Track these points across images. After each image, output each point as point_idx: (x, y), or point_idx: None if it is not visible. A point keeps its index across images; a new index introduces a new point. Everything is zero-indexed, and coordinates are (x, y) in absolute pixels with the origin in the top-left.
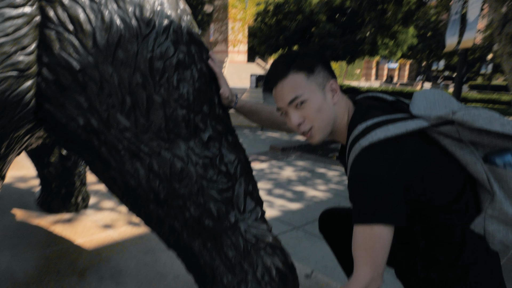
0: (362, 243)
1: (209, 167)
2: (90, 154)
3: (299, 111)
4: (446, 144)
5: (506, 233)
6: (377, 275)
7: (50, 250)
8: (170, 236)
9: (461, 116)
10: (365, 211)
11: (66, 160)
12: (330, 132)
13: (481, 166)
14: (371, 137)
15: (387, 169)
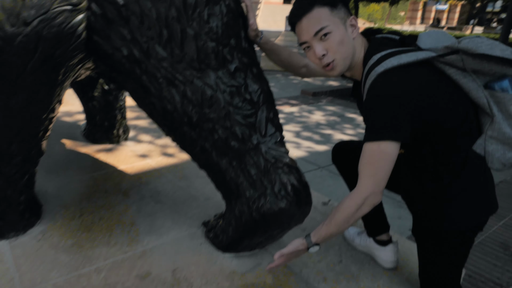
0: (368, 158)
1: (235, 95)
2: (133, 83)
3: (323, 43)
4: (451, 73)
5: (503, 152)
6: (377, 190)
7: (97, 173)
8: (201, 156)
9: (466, 43)
10: (375, 129)
11: (108, 95)
12: (349, 66)
13: (482, 92)
14: (385, 64)
15: (399, 92)
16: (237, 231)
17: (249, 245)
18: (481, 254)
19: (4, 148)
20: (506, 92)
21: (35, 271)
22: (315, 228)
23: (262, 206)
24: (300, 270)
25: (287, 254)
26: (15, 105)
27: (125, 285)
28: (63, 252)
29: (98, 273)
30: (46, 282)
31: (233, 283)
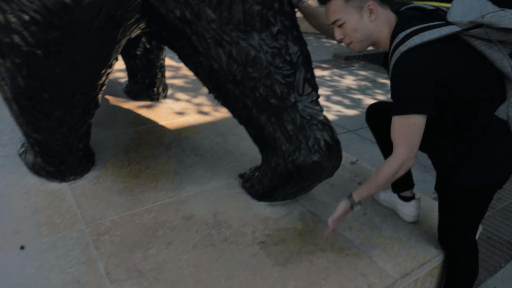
0: (400, 130)
1: (276, 56)
2: (182, 42)
3: (340, 29)
4: (476, 45)
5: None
6: (412, 156)
7: (140, 128)
8: (242, 112)
9: (488, 18)
10: (403, 104)
11: (150, 54)
12: (372, 43)
13: (507, 61)
14: (409, 43)
15: (422, 68)
16: (272, 181)
17: (282, 194)
18: (502, 219)
19: (69, 99)
20: None
21: (94, 209)
22: (356, 191)
23: (297, 159)
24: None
25: (337, 217)
26: (80, 60)
27: (172, 223)
28: (116, 195)
29: (148, 213)
30: (104, 219)
31: (267, 227)
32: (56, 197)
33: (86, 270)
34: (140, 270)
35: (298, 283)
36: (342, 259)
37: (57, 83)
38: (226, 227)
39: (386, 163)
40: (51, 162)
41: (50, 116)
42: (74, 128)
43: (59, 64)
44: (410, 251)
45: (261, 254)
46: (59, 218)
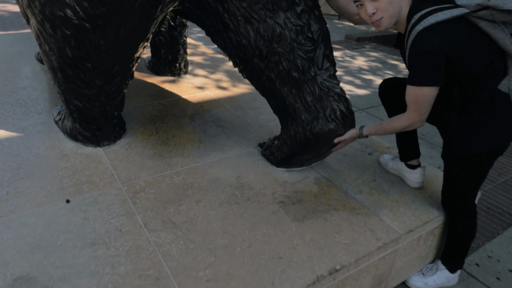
0: (413, 97)
1: (299, 33)
2: (214, 19)
3: (374, 3)
4: (482, 26)
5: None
6: (421, 119)
7: (164, 100)
8: (266, 84)
9: (494, 1)
10: (418, 77)
11: (173, 30)
12: (394, 23)
13: (509, 40)
14: (424, 23)
15: (436, 46)
16: (291, 148)
17: (299, 161)
18: (502, 191)
19: (109, 69)
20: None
21: (128, 171)
22: (367, 126)
23: (315, 127)
24: (341, 184)
25: (343, 139)
26: (123, 34)
27: (200, 185)
28: (147, 159)
29: (178, 175)
30: (138, 179)
31: (285, 189)
32: (93, 159)
33: (126, 221)
34: (173, 222)
35: (314, 236)
36: (353, 217)
37: (101, 54)
38: (249, 189)
39: (398, 118)
40: (88, 128)
41: (92, 85)
42: (112, 96)
43: (104, 36)
44: (415, 212)
45: (281, 212)
46: (97, 178)
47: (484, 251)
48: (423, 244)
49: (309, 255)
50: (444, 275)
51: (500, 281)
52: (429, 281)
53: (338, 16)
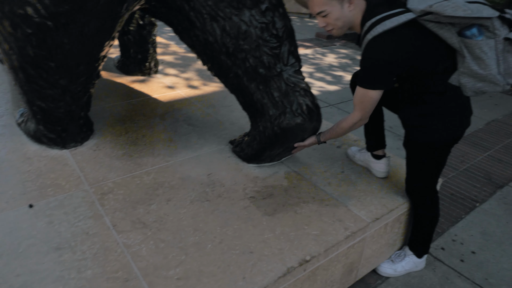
0: (360, 98)
1: (264, 30)
2: (180, 17)
3: (323, 19)
4: (430, 27)
5: (473, 84)
6: (365, 118)
7: (134, 100)
8: (234, 81)
9: (435, 7)
10: (366, 80)
11: (142, 29)
12: (349, 28)
13: (456, 38)
14: (373, 32)
15: (385, 55)
16: (261, 143)
17: (269, 156)
18: (465, 178)
19: (74, 69)
20: (474, 39)
21: (96, 172)
22: (323, 132)
23: (282, 122)
24: (310, 177)
25: (303, 145)
26: (87, 32)
27: (170, 183)
28: (116, 160)
29: (148, 175)
30: (107, 180)
31: (256, 184)
32: (58, 162)
33: (93, 224)
34: (143, 222)
35: (284, 229)
36: (323, 208)
37: (64, 53)
38: (220, 185)
39: (345, 119)
40: (53, 129)
41: (56, 84)
42: (77, 96)
43: (68, 35)
44: (381, 201)
45: (252, 207)
46: (63, 180)
47: (448, 235)
48: (390, 232)
49: (280, 248)
50: (411, 260)
51: (464, 263)
52: (397, 267)
53: (309, 14)
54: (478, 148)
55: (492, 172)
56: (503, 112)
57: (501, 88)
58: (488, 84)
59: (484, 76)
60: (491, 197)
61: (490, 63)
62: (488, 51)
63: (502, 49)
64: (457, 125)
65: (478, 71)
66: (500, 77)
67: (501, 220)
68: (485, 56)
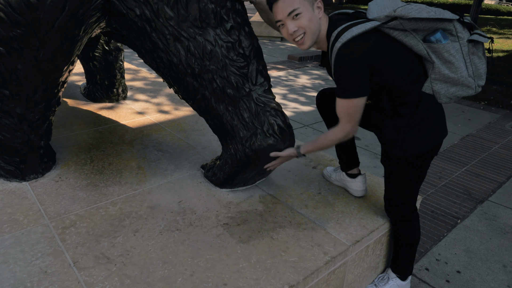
0: (345, 110)
1: (230, 49)
2: (143, 39)
3: (295, 21)
4: (395, 35)
5: (447, 89)
6: (354, 128)
7: (101, 127)
8: (202, 103)
9: (399, 11)
10: (346, 90)
11: (108, 55)
12: (316, 41)
13: (422, 45)
14: (342, 39)
15: (356, 59)
16: (233, 167)
17: (242, 180)
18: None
19: (30, 96)
20: (440, 43)
21: (58, 205)
22: (304, 144)
23: (254, 143)
24: (286, 200)
25: (282, 156)
26: (43, 57)
27: (138, 213)
28: (80, 190)
29: (114, 205)
30: (69, 213)
31: (230, 210)
32: (17, 195)
33: (52, 261)
34: (108, 257)
35: (261, 257)
36: (300, 233)
37: (19, 79)
38: (191, 213)
39: (333, 131)
40: (11, 161)
41: (11, 113)
42: (35, 125)
43: (22, 60)
44: (360, 222)
45: (225, 234)
46: (21, 215)
47: (432, 255)
48: (372, 254)
49: (255, 278)
50: (396, 283)
51: (450, 283)
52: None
53: (281, 38)
54: (455, 164)
55: (470, 187)
56: (477, 127)
57: (473, 91)
58: (461, 88)
59: (456, 79)
60: (472, 212)
61: (459, 65)
62: (455, 53)
63: (467, 52)
64: (436, 133)
65: (450, 75)
66: (471, 79)
67: (484, 236)
68: (454, 59)
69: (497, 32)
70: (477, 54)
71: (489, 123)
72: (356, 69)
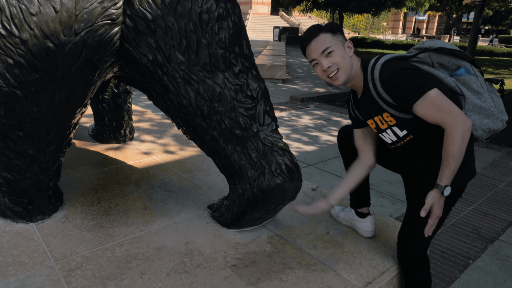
0: (433, 108)
1: (239, 91)
2: (154, 83)
3: (328, 58)
4: (425, 69)
5: (481, 121)
6: (462, 116)
7: (108, 168)
8: (210, 144)
9: (427, 43)
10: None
11: (117, 97)
12: (349, 78)
13: (450, 78)
14: (381, 61)
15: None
16: (240, 207)
17: (250, 220)
18: (453, 234)
19: (43, 137)
20: (465, 75)
21: (64, 246)
22: (439, 178)
23: (262, 183)
24: (294, 240)
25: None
26: (58, 99)
27: (145, 255)
28: (86, 231)
29: (120, 247)
30: (75, 255)
31: (237, 251)
32: (23, 237)
33: None
34: None
35: None
36: (310, 274)
37: (33, 121)
38: (198, 254)
39: (447, 138)
40: (19, 201)
41: (23, 154)
42: (46, 166)
43: (37, 103)
44: (371, 262)
45: (233, 276)
46: (27, 257)
47: None
48: None
49: None
50: None
51: None
52: None
53: (282, 80)
54: (463, 202)
55: (480, 226)
56: (481, 165)
57: (501, 125)
58: (492, 120)
59: (487, 109)
60: (483, 252)
61: (487, 96)
62: (482, 86)
63: (487, 89)
64: (470, 171)
65: (481, 105)
66: (498, 112)
67: (498, 278)
68: (482, 90)
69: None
70: (495, 92)
71: (493, 161)
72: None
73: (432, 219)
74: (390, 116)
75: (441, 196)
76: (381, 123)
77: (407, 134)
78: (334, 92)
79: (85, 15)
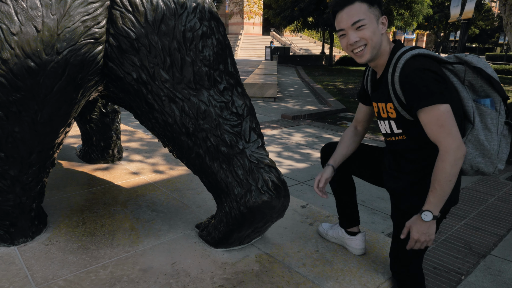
0: (436, 122)
1: (224, 109)
2: (139, 101)
3: (357, 32)
4: (454, 81)
5: (474, 156)
6: (459, 142)
7: (95, 188)
8: (196, 161)
9: (470, 58)
10: (430, 94)
11: (105, 117)
12: (377, 55)
13: (471, 102)
14: (415, 51)
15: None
16: (228, 225)
17: (238, 238)
18: (445, 249)
19: (25, 158)
20: (488, 107)
21: (46, 270)
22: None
23: (248, 201)
24: (283, 259)
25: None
26: (40, 119)
27: (130, 277)
28: (70, 254)
29: (104, 269)
30: (57, 278)
31: (225, 271)
32: (4, 261)
33: None
34: None
35: None
36: None
37: (15, 142)
38: (185, 275)
39: (438, 161)
40: (1, 224)
41: (5, 175)
42: (28, 187)
43: (19, 123)
44: (361, 280)
45: None
46: (6, 282)
47: None
48: None
49: None
50: None
51: None
52: None
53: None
54: (454, 217)
55: (471, 241)
56: (471, 179)
57: (492, 171)
58: (486, 162)
59: (488, 150)
60: (475, 268)
61: (495, 138)
62: (496, 124)
63: (501, 132)
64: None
65: (484, 143)
66: (496, 158)
67: None
68: (494, 129)
69: None
70: (507, 138)
71: None
72: (428, 72)
73: (411, 242)
74: (393, 109)
75: (421, 221)
76: (382, 112)
77: (401, 133)
78: (325, 110)
79: (68, 34)
